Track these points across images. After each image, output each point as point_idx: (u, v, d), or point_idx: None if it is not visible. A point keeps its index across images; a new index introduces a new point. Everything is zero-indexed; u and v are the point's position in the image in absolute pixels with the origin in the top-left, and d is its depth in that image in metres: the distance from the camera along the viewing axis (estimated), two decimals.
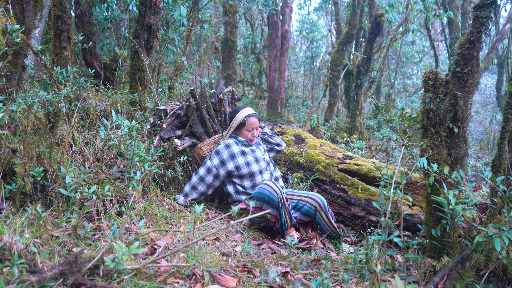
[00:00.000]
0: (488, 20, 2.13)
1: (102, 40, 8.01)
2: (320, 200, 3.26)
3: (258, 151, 3.59)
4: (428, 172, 2.11)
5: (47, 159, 2.58)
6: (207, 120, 3.79)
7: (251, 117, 3.53)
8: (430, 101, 2.23)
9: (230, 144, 3.49)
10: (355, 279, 2.08)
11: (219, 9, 13.03)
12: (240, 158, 3.45)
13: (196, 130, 3.77)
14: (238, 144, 3.53)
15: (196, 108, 3.71)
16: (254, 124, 3.55)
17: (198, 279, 1.97)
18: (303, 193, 3.40)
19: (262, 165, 3.53)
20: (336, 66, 8.32)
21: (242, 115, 3.53)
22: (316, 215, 3.27)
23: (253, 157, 3.50)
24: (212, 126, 3.83)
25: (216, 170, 3.41)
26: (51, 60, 3.63)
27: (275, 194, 2.97)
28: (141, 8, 3.79)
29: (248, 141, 3.57)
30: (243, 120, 3.51)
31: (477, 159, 7.78)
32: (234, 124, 3.56)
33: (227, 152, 3.44)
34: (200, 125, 3.80)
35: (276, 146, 3.92)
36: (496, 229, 1.91)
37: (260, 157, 3.57)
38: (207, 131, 3.83)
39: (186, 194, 3.41)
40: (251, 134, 3.56)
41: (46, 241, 2.02)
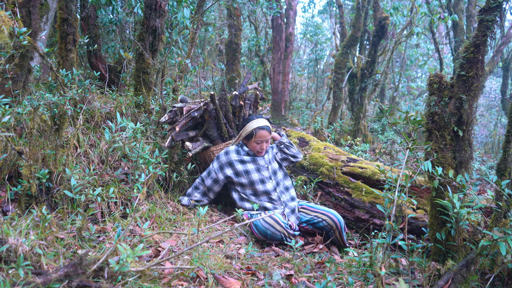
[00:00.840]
0: (494, 23, 2.13)
1: (107, 42, 8.05)
2: (337, 220, 3.11)
3: (261, 160, 3.45)
4: (433, 175, 2.10)
5: (52, 161, 2.59)
6: (224, 125, 3.70)
7: (261, 130, 3.34)
8: (435, 104, 2.22)
9: (229, 151, 3.42)
10: (359, 282, 2.07)
11: (223, 11, 13.08)
12: (238, 165, 3.37)
13: (210, 133, 3.70)
14: (240, 153, 3.44)
15: (214, 112, 3.61)
16: (263, 137, 3.37)
17: (202, 281, 1.97)
18: (320, 208, 3.26)
19: (264, 174, 3.40)
20: (340, 69, 8.32)
21: (252, 126, 3.36)
22: (330, 233, 3.16)
23: (254, 166, 3.39)
24: (227, 131, 3.75)
25: (215, 174, 3.38)
26: (57, 63, 3.66)
27: (278, 233, 2.91)
28: (146, 11, 3.81)
29: (255, 153, 3.44)
30: (251, 132, 3.34)
31: (482, 162, 7.75)
32: (243, 133, 3.42)
33: (225, 159, 3.38)
34: (215, 129, 3.71)
35: (291, 158, 3.71)
36: (501, 233, 1.90)
37: (263, 166, 3.43)
38: (222, 135, 3.74)
39: (189, 194, 3.42)
40: (259, 147, 3.40)
41: (51, 243, 2.03)
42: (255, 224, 3.03)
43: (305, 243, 3.17)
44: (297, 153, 3.74)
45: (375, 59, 7.93)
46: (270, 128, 3.43)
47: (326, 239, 3.21)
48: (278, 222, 2.92)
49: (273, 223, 2.93)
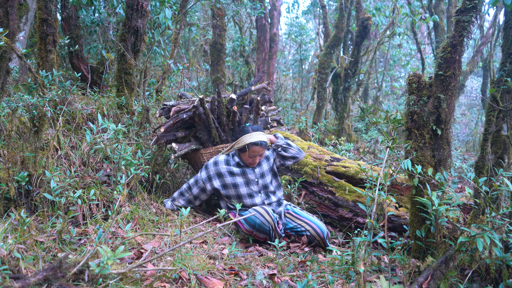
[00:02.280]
0: (470, 24, 2.17)
1: (90, 43, 7.96)
2: (320, 231, 3.06)
3: (251, 174, 3.32)
4: (413, 173, 2.13)
5: (31, 163, 2.55)
6: (214, 129, 3.59)
7: (255, 145, 3.20)
8: (414, 103, 2.26)
9: (218, 162, 3.32)
10: (341, 280, 2.09)
11: (207, 12, 13.04)
12: (227, 178, 3.28)
13: (200, 136, 3.61)
14: (230, 163, 3.33)
15: (204, 115, 3.50)
16: (256, 152, 3.24)
17: (184, 282, 1.97)
18: (304, 217, 3.20)
19: (253, 189, 3.31)
20: (324, 69, 8.38)
21: (245, 140, 3.21)
22: (313, 241, 3.12)
23: (243, 179, 3.29)
24: (219, 136, 3.64)
25: (203, 184, 3.30)
26: (37, 64, 3.60)
27: (267, 224, 2.89)
28: (127, 11, 3.78)
29: (247, 164, 3.32)
30: (244, 147, 3.21)
31: (463, 160, 7.88)
32: (236, 145, 3.29)
33: (213, 169, 3.30)
34: (206, 132, 3.62)
35: (289, 161, 3.50)
36: (479, 230, 1.94)
37: (253, 180, 3.32)
38: (213, 139, 3.65)
39: (174, 199, 3.35)
40: (251, 160, 3.28)
41: (31, 247, 2.00)
42: (246, 218, 3.00)
43: (292, 240, 3.18)
44: (296, 154, 3.50)
45: (358, 59, 8.01)
46: (266, 142, 3.27)
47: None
48: (268, 212, 2.93)
49: (263, 212, 2.93)
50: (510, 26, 2.76)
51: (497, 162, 2.67)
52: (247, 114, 3.71)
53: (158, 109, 3.64)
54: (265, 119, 4.16)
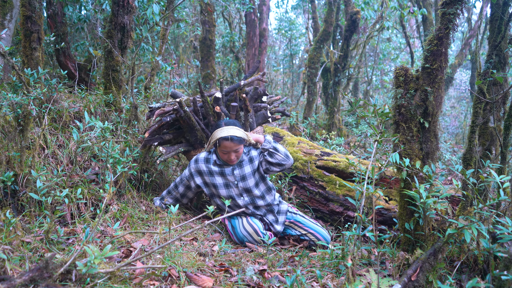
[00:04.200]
0: (456, 16, 2.18)
1: (78, 40, 7.87)
2: (325, 241, 3.03)
3: (230, 175, 3.12)
4: (401, 166, 2.14)
5: (17, 163, 2.52)
6: (199, 131, 3.46)
7: (225, 140, 2.96)
8: (401, 96, 2.26)
9: (198, 159, 3.19)
10: (331, 275, 2.09)
11: (196, 8, 12.96)
12: (207, 177, 3.16)
13: (188, 138, 3.55)
14: (209, 162, 3.16)
15: (187, 118, 3.37)
16: (228, 148, 2.99)
17: (174, 280, 1.96)
18: (309, 226, 3.13)
19: (233, 191, 3.13)
20: (313, 64, 8.38)
21: (216, 136, 3.00)
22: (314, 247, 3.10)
23: (222, 180, 3.13)
24: (206, 137, 3.50)
25: (187, 181, 3.24)
26: (21, 62, 3.54)
27: (255, 242, 2.90)
28: (113, 8, 3.73)
29: (225, 161, 3.11)
30: (215, 142, 3.02)
31: (452, 153, 7.95)
32: (211, 141, 3.08)
33: (194, 167, 3.19)
34: (192, 134, 3.52)
35: (274, 167, 3.14)
36: (467, 221, 1.95)
37: (232, 183, 3.13)
38: (199, 140, 3.53)
39: (163, 198, 3.32)
40: (226, 156, 3.05)
41: (17, 247, 1.98)
42: (234, 228, 3.01)
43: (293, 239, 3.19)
44: (283, 160, 3.10)
45: (347, 54, 8.02)
46: (240, 138, 3.01)
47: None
48: (256, 231, 2.90)
49: (251, 232, 2.91)
50: (496, 18, 2.78)
51: (485, 154, 2.70)
52: (236, 112, 3.54)
53: (146, 107, 3.58)
54: (263, 113, 3.91)
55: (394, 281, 1.89)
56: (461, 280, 2.06)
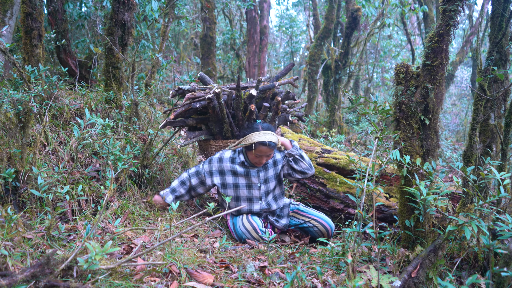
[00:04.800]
0: (457, 13, 2.17)
1: (78, 37, 7.87)
2: (329, 227, 3.10)
3: (254, 178, 3.12)
4: (401, 163, 2.14)
5: (18, 160, 2.52)
6: (226, 124, 3.38)
7: (263, 145, 2.96)
8: (402, 94, 2.26)
9: (223, 158, 3.14)
10: (331, 271, 2.10)
11: (197, 5, 12.94)
12: (229, 177, 3.12)
13: (212, 127, 3.44)
14: (235, 162, 3.13)
15: (218, 109, 3.29)
16: (263, 153, 3.01)
17: (175, 276, 1.96)
18: (313, 214, 3.17)
19: (254, 193, 3.13)
20: (314, 61, 8.37)
21: (253, 139, 2.97)
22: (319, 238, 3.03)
23: (245, 181, 3.11)
24: (231, 131, 3.44)
25: (204, 177, 3.15)
26: (22, 59, 3.54)
27: (253, 240, 2.90)
28: (114, 5, 3.73)
29: (253, 163, 3.11)
30: (251, 145, 3.00)
31: (453, 150, 7.95)
32: (243, 142, 3.05)
33: (217, 166, 3.13)
34: (218, 124, 3.43)
35: (297, 174, 3.17)
36: (467, 218, 1.95)
37: (255, 184, 3.12)
38: (224, 133, 3.46)
39: (174, 190, 3.17)
40: (258, 160, 3.06)
41: (18, 244, 1.98)
42: (234, 225, 3.02)
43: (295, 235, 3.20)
44: (307, 169, 3.14)
45: (348, 51, 8.00)
46: (276, 144, 3.03)
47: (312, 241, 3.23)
48: (255, 229, 2.90)
49: (250, 229, 2.91)
50: (497, 15, 2.77)
51: (485, 151, 2.70)
52: (266, 112, 3.49)
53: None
54: (284, 116, 3.91)
55: (394, 277, 1.90)
56: (461, 276, 2.06)
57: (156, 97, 6.35)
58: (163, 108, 5.91)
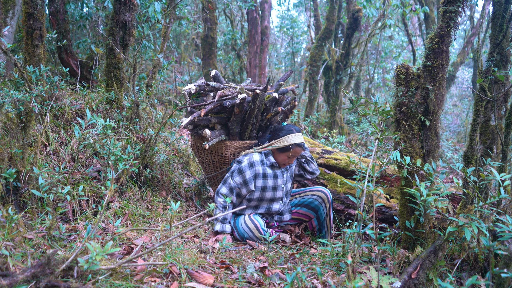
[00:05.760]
0: (457, 14, 2.17)
1: (80, 38, 7.88)
2: (327, 193, 3.19)
3: (280, 179, 3.15)
4: (401, 164, 2.14)
5: (19, 160, 2.53)
6: (250, 126, 3.33)
7: (298, 147, 3.03)
8: (402, 95, 2.26)
9: (254, 163, 3.07)
10: (331, 272, 2.10)
11: (198, 5, 12.95)
12: (260, 180, 3.07)
13: (232, 127, 3.32)
14: (264, 164, 3.11)
15: (248, 111, 3.22)
16: (297, 154, 3.08)
17: (175, 277, 1.97)
18: (307, 188, 3.31)
19: (277, 194, 3.15)
20: (315, 62, 8.37)
21: (290, 141, 3.01)
22: (322, 208, 3.17)
23: (272, 183, 3.11)
24: (251, 131, 3.39)
25: (238, 189, 3.06)
26: (24, 59, 3.55)
27: (255, 239, 2.90)
28: (115, 5, 3.74)
29: (280, 165, 3.15)
30: (288, 147, 3.01)
31: (454, 151, 7.94)
32: (276, 144, 3.05)
33: (250, 172, 3.03)
34: (239, 125, 3.34)
35: (308, 175, 3.36)
36: (467, 219, 1.95)
37: (280, 186, 3.15)
38: (243, 133, 3.39)
39: (224, 219, 3.06)
40: (289, 160, 3.10)
41: (19, 244, 1.99)
42: (236, 224, 3.03)
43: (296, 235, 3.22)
44: (316, 169, 3.37)
45: (349, 52, 8.00)
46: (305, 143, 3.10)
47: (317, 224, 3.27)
48: (257, 228, 2.91)
49: (252, 227, 2.92)
50: (498, 16, 2.77)
51: (486, 152, 2.69)
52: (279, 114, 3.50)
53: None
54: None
55: (395, 278, 1.90)
56: (461, 277, 2.06)
57: (157, 98, 6.36)
58: (164, 109, 5.91)
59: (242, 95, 3.11)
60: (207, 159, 3.48)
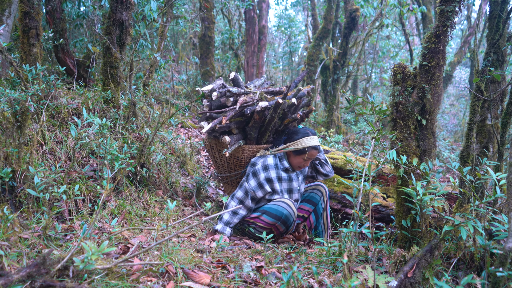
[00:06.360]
0: (454, 14, 2.18)
1: (76, 36, 7.86)
2: (325, 187, 3.26)
3: (295, 181, 3.16)
4: (398, 164, 2.14)
5: (15, 159, 2.52)
6: (269, 131, 3.30)
7: (314, 150, 3.04)
8: (399, 94, 2.26)
9: (268, 166, 3.06)
10: (328, 271, 2.10)
11: (196, 4, 12.94)
12: (276, 184, 3.06)
13: (250, 132, 3.27)
14: (279, 167, 3.10)
15: (268, 118, 3.19)
16: (313, 156, 3.08)
17: (171, 276, 1.96)
18: (309, 184, 3.34)
19: (294, 197, 3.15)
20: (313, 61, 8.37)
21: (306, 143, 3.01)
22: (320, 201, 3.19)
23: (287, 186, 3.12)
24: (268, 136, 3.36)
25: (253, 192, 3.02)
26: (20, 58, 3.54)
27: (292, 215, 2.88)
28: (112, 4, 3.72)
29: (293, 168, 3.16)
30: (304, 149, 3.02)
31: (451, 150, 7.96)
32: (292, 147, 3.05)
33: (264, 175, 3.02)
34: (257, 130, 3.29)
35: (320, 176, 3.38)
36: (463, 218, 1.96)
37: (295, 188, 3.16)
38: (260, 139, 3.36)
39: (228, 223, 3.02)
40: (304, 163, 3.10)
41: (14, 244, 1.98)
42: (265, 208, 2.96)
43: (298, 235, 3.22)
44: (330, 172, 3.37)
45: (347, 51, 8.01)
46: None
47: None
48: (293, 204, 2.92)
49: (290, 203, 2.90)
50: (495, 16, 2.78)
51: (482, 152, 2.70)
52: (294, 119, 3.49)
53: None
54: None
55: (391, 277, 1.90)
56: (457, 276, 2.07)
57: (154, 97, 6.35)
58: (160, 108, 5.90)
59: (264, 103, 3.04)
60: (222, 160, 3.45)
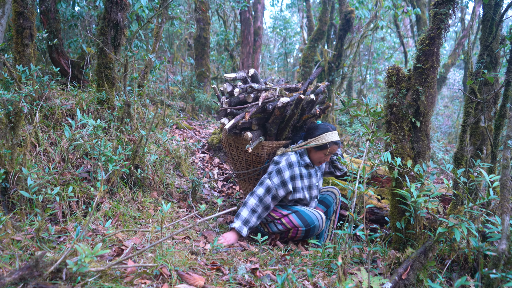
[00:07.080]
0: (448, 16, 2.19)
1: (71, 37, 7.82)
2: (338, 190, 3.32)
3: (314, 178, 3.16)
4: (392, 165, 2.15)
5: (8, 160, 2.50)
6: (289, 127, 3.27)
7: (336, 145, 3.04)
8: (393, 96, 2.27)
9: (293, 163, 3.03)
10: (322, 273, 2.10)
11: (191, 5, 12.92)
12: (298, 181, 3.04)
13: (271, 129, 3.23)
14: (300, 164, 3.08)
15: (289, 114, 3.15)
16: (334, 151, 3.08)
17: (165, 279, 1.95)
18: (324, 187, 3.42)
19: (313, 193, 3.15)
20: (308, 63, 8.39)
21: (328, 139, 3.00)
22: (332, 203, 3.26)
23: (307, 183, 3.11)
24: (288, 132, 3.34)
25: (276, 190, 2.95)
26: (13, 58, 3.51)
27: (318, 229, 2.91)
28: (107, 5, 3.71)
29: (313, 164, 3.14)
30: (325, 145, 3.00)
31: (445, 152, 8.00)
32: (313, 142, 3.03)
33: (288, 173, 2.99)
34: (277, 126, 3.26)
35: (338, 172, 3.42)
36: (457, 220, 1.97)
37: (314, 184, 3.16)
38: (280, 135, 3.33)
39: (247, 221, 2.91)
40: (324, 158, 3.09)
41: (7, 246, 1.96)
42: (299, 210, 2.98)
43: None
44: (345, 168, 3.43)
45: (341, 53, 8.03)
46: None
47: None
48: (323, 219, 2.95)
49: (323, 218, 2.95)
50: (488, 18, 2.80)
51: (476, 153, 2.72)
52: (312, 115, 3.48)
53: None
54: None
55: (385, 279, 1.90)
56: (451, 278, 2.07)
57: (149, 98, 6.33)
58: (155, 109, 5.88)
59: (285, 99, 3.03)
60: (240, 157, 3.40)
